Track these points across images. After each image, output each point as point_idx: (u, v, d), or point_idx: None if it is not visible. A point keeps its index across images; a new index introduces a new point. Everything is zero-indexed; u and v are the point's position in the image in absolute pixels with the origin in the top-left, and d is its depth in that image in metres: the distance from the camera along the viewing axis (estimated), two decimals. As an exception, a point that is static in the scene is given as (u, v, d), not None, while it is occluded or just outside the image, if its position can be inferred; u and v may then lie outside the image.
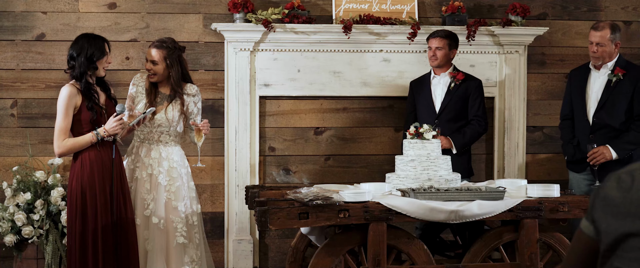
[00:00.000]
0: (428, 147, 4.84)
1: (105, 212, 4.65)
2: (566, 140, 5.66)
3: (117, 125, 4.64)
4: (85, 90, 4.68)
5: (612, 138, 5.37)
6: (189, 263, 4.89)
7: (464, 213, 4.40)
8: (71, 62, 4.73)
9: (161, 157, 4.94)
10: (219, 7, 6.04)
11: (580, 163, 5.52)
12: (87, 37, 4.78)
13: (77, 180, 4.66)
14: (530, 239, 4.53)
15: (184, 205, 4.93)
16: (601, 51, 5.39)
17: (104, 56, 4.73)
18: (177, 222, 4.88)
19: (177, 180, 4.93)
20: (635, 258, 1.56)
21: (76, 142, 4.66)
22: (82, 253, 4.64)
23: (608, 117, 5.40)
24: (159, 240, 4.87)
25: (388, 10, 6.11)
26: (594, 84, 5.50)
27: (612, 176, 1.66)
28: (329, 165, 6.21)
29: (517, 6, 6.08)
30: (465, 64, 6.06)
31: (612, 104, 5.39)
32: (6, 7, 5.88)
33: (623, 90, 5.38)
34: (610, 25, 5.41)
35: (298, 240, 5.15)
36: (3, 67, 5.91)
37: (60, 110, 4.66)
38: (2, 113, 5.92)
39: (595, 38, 5.40)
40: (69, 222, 4.71)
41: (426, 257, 4.52)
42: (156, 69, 4.96)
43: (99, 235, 4.63)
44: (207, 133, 4.97)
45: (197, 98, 5.06)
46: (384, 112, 6.23)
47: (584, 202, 4.56)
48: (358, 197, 4.42)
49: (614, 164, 5.29)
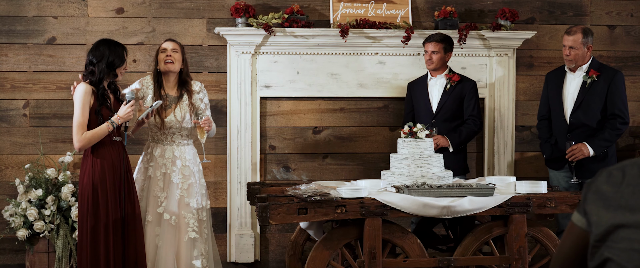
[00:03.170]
0: (421, 145, 4.83)
1: (115, 207, 4.64)
2: (544, 139, 5.67)
3: (130, 111, 4.63)
4: (101, 95, 4.66)
5: (589, 136, 5.38)
6: (198, 257, 4.89)
7: (455, 209, 4.39)
8: (90, 67, 4.66)
9: (174, 157, 4.93)
10: (221, 12, 6.02)
11: (559, 161, 5.53)
12: (107, 44, 4.70)
13: (89, 177, 4.64)
14: (518, 233, 4.52)
15: (196, 201, 4.92)
16: (574, 54, 5.41)
17: (123, 64, 4.72)
18: (189, 217, 4.88)
19: (190, 178, 4.93)
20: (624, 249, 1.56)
21: (94, 133, 4.62)
22: (94, 247, 4.62)
23: (584, 117, 5.42)
24: (169, 235, 4.86)
25: (383, 15, 6.09)
26: (570, 86, 5.51)
27: (603, 171, 1.67)
28: (326, 163, 6.19)
29: (506, 11, 6.07)
30: (456, 66, 6.04)
31: (588, 104, 5.41)
32: (19, 12, 5.85)
33: (597, 91, 5.40)
34: (582, 29, 5.42)
35: (297, 235, 5.14)
36: (16, 69, 5.88)
37: (77, 106, 4.62)
38: (15, 113, 5.90)
39: (568, 42, 5.42)
40: (81, 217, 4.69)
41: (420, 251, 4.50)
42: (175, 56, 4.94)
43: (110, 229, 4.62)
44: (208, 129, 4.94)
45: (202, 94, 5.05)
46: (379, 112, 6.21)
47: (570, 198, 4.56)
48: (355, 193, 4.41)
49: (590, 161, 5.33)
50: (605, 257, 1.59)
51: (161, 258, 4.84)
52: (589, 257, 1.63)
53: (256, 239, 6.06)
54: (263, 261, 6.14)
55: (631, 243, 1.55)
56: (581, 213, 1.67)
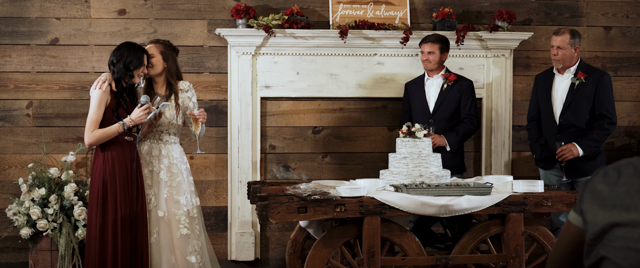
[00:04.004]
0: (420, 145, 4.83)
1: (124, 204, 4.66)
2: (534, 139, 5.68)
3: (143, 114, 4.68)
4: (118, 93, 4.74)
5: (578, 137, 5.40)
6: (192, 253, 4.88)
7: (453, 208, 4.39)
8: (110, 66, 4.76)
9: (161, 155, 4.93)
10: (222, 13, 6.02)
11: (549, 161, 5.55)
12: (128, 46, 4.79)
13: (100, 173, 4.67)
14: (515, 232, 4.52)
15: (185, 198, 4.91)
16: (562, 54, 5.43)
17: (141, 66, 4.76)
18: (179, 215, 4.87)
19: (177, 176, 4.92)
20: (619, 247, 1.56)
21: (104, 132, 4.67)
22: (102, 242, 4.64)
23: (573, 118, 5.44)
24: (164, 232, 4.86)
25: (382, 17, 6.09)
26: (559, 88, 5.53)
27: (599, 171, 1.67)
28: (326, 162, 6.19)
29: (503, 12, 6.07)
30: (454, 66, 6.04)
31: (577, 105, 5.43)
32: (22, 13, 5.85)
33: (586, 93, 5.42)
34: (570, 30, 5.45)
35: (297, 233, 5.13)
36: (19, 69, 5.88)
37: (94, 103, 4.68)
38: (18, 113, 5.90)
39: (556, 42, 5.44)
40: (90, 211, 4.71)
41: (418, 249, 4.50)
42: (153, 61, 4.95)
43: (118, 226, 4.65)
44: (203, 121, 4.92)
45: (190, 93, 5.02)
46: (378, 112, 6.21)
47: (566, 197, 4.56)
48: (354, 192, 4.41)
49: (580, 160, 5.35)
50: (600, 256, 1.59)
51: (158, 255, 4.84)
52: (585, 256, 1.63)
53: (256, 237, 6.06)
54: (263, 259, 6.14)
55: (626, 242, 1.55)
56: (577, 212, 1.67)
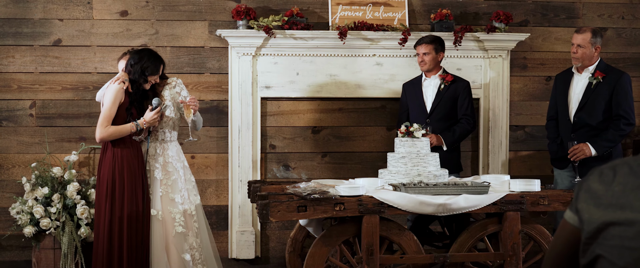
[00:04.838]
0: (418, 144, 4.83)
1: (131, 201, 4.69)
2: (551, 139, 5.65)
3: (156, 117, 4.76)
4: (133, 94, 4.80)
5: (592, 137, 5.35)
6: (188, 250, 4.88)
7: (451, 207, 4.39)
8: (129, 67, 4.83)
9: (156, 154, 4.92)
10: (223, 15, 6.02)
11: (563, 160, 5.50)
12: (148, 52, 4.87)
13: (110, 168, 4.70)
14: (513, 230, 4.52)
15: (180, 196, 4.90)
16: (581, 53, 5.38)
17: (155, 74, 4.83)
18: (175, 213, 4.87)
19: (173, 174, 4.91)
20: (614, 246, 1.56)
21: (117, 129, 4.72)
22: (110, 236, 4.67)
23: (587, 117, 5.39)
24: (157, 230, 4.86)
25: (381, 18, 6.09)
26: (576, 86, 5.49)
27: (595, 170, 1.67)
28: (325, 162, 6.19)
29: (500, 13, 6.07)
30: (452, 67, 6.04)
31: (592, 105, 5.37)
32: (25, 14, 5.85)
33: (602, 92, 5.36)
34: (592, 29, 5.40)
35: (297, 232, 5.14)
36: (22, 70, 5.88)
37: (108, 100, 4.73)
38: (22, 113, 5.90)
39: (576, 40, 5.40)
40: (98, 206, 4.74)
41: (416, 247, 4.50)
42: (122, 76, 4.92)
43: (124, 222, 4.67)
44: (195, 108, 4.89)
45: (178, 88, 4.97)
46: (376, 112, 6.21)
47: (562, 196, 4.56)
48: (353, 191, 4.41)
49: (593, 160, 5.29)
50: (596, 254, 1.59)
51: (151, 253, 4.85)
52: (581, 254, 1.64)
53: (257, 236, 6.06)
54: (263, 257, 6.14)
55: (621, 241, 1.55)
56: (573, 211, 1.67)
